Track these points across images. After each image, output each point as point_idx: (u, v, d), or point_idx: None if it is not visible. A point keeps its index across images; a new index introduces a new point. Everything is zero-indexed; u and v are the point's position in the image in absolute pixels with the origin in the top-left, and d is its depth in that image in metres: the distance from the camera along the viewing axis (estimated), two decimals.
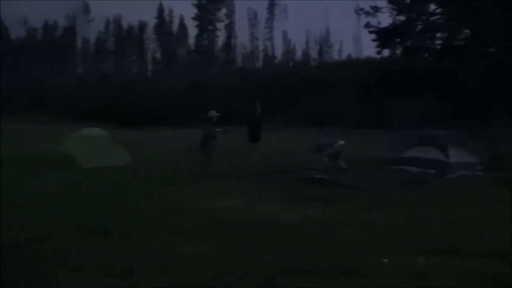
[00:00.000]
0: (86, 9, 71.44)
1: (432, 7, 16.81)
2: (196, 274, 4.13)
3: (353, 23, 73.52)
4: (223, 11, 67.61)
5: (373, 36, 17.53)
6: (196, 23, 66.43)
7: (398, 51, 19.52)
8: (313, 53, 69.43)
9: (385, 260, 4.49)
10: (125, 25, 73.72)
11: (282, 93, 42.27)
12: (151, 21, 71.25)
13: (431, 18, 16.53)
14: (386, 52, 19.55)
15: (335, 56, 69.47)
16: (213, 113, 11.63)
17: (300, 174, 10.81)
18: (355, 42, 67.40)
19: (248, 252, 4.78)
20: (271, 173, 11.31)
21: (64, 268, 4.21)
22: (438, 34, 17.12)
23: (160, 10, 71.17)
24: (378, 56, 21.57)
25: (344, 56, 68.24)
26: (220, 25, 67.90)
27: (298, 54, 71.67)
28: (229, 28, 68.28)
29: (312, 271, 4.21)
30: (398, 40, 17.80)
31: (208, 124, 11.57)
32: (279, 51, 71.97)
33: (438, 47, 17.11)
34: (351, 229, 5.83)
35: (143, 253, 4.70)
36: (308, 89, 42.63)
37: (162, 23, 71.52)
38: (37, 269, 4.16)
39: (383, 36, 17.20)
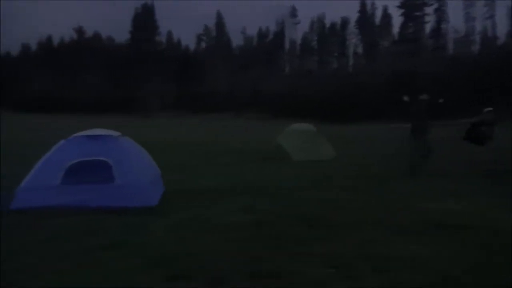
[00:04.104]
0: (293, 13, 76.64)
1: None
2: (413, 278, 3.85)
3: None
4: None
5: None
6: (401, 11, 62.78)
7: None
8: None
9: None
10: (328, 23, 76.06)
11: (507, 79, 35.85)
12: (353, 16, 71.32)
13: None
14: None
15: None
16: (424, 96, 10.17)
17: None
18: None
19: (474, 262, 4.21)
20: (499, 173, 9.68)
21: (283, 253, 4.52)
22: None
23: (363, 4, 70.45)
24: None
25: None
26: (429, 10, 62.34)
27: None
28: (439, 11, 62.04)
29: None
30: None
31: (418, 114, 10.22)
32: (502, 31, 61.48)
33: None
34: None
35: (356, 247, 4.66)
36: None
37: (364, 17, 70.65)
38: (254, 252, 4.58)
39: None
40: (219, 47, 73.39)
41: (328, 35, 75.18)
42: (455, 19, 63.35)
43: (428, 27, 63.09)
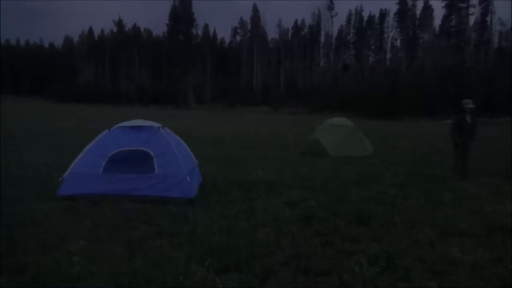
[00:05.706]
0: (331, 6, 75.23)
1: None
2: (469, 283, 3.66)
3: None
4: None
5: None
6: (444, 2, 60.17)
7: None
8: None
9: None
10: (366, 16, 74.29)
11: None
12: (393, 8, 69.31)
13: None
14: None
15: None
16: (468, 102, 9.77)
17: None
18: None
19: None
20: None
21: (332, 250, 4.42)
22: None
23: None
24: None
25: None
26: (474, 1, 59.36)
27: None
28: (485, 2, 59.17)
29: None
30: None
31: (461, 115, 9.75)
32: None
33: None
34: None
35: (406, 248, 4.47)
36: None
37: (403, 9, 68.45)
38: (302, 247, 4.50)
39: None
40: (255, 40, 73.21)
41: (366, 28, 73.45)
42: (502, 11, 60.03)
43: (472, 20, 60.36)
